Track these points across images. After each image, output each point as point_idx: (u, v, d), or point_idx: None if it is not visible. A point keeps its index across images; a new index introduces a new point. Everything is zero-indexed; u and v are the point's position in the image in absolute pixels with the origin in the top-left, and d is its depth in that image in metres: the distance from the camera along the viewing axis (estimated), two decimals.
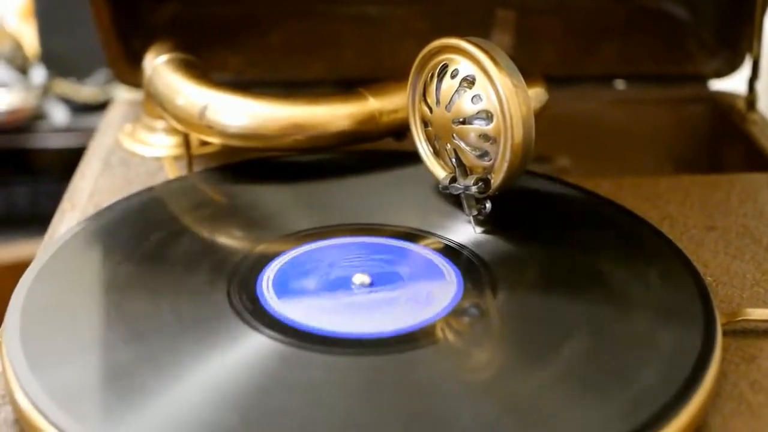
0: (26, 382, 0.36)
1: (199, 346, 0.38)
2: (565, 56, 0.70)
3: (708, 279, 0.45)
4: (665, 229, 0.49)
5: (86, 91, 1.11)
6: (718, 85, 0.70)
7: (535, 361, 0.37)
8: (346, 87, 0.69)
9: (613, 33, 0.70)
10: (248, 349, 0.38)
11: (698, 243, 0.49)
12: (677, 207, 0.52)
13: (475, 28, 0.69)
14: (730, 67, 0.69)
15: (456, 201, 0.47)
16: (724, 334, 0.40)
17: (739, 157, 0.64)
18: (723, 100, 0.68)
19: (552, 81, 0.66)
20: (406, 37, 0.70)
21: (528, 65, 0.68)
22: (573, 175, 0.67)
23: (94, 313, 0.41)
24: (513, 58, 0.46)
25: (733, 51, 0.68)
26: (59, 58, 1.10)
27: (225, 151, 0.57)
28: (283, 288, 0.42)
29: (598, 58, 0.70)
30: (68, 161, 1.05)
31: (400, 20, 0.70)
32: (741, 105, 0.66)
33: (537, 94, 0.48)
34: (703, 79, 0.70)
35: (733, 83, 0.69)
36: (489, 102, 0.44)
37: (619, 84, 0.72)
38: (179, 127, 0.53)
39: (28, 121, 1.08)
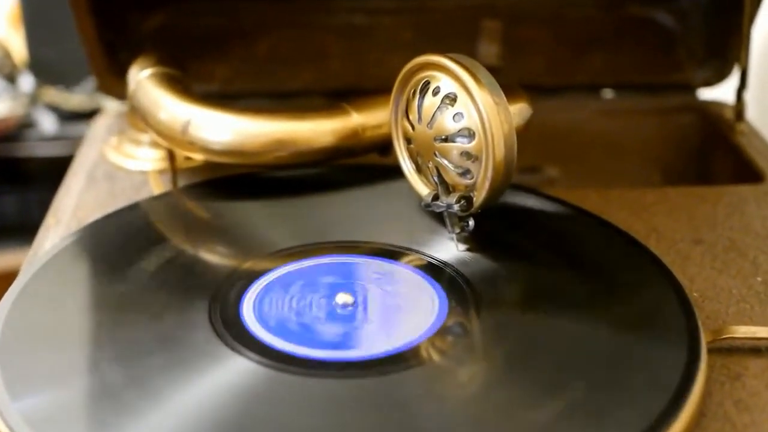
0: (4, 407, 0.36)
1: (181, 369, 0.37)
2: (553, 66, 0.70)
3: (694, 295, 0.45)
4: (652, 243, 0.49)
5: (75, 99, 1.11)
6: (706, 94, 0.70)
7: (517, 382, 0.37)
8: (334, 97, 0.69)
9: (602, 42, 0.70)
10: (229, 371, 0.37)
11: (685, 257, 0.49)
12: (664, 220, 0.52)
13: (462, 38, 0.69)
14: (718, 77, 0.68)
15: (440, 217, 0.47)
16: (710, 351, 0.40)
17: (728, 167, 0.64)
18: (711, 110, 0.68)
19: (540, 90, 0.66)
20: (393, 47, 0.70)
21: (515, 75, 0.68)
22: (561, 185, 0.67)
23: (75, 336, 0.40)
24: (501, 69, 0.46)
25: (721, 60, 0.68)
26: (47, 66, 1.09)
27: (209, 165, 0.57)
28: (265, 309, 0.41)
29: (586, 67, 0.70)
30: (57, 170, 1.04)
31: (387, 30, 0.70)
32: (729, 115, 0.65)
33: (521, 110, 0.48)
34: (691, 89, 0.70)
35: (722, 92, 0.69)
36: (470, 120, 0.44)
37: (608, 93, 0.71)
38: (162, 142, 0.53)
39: (16, 130, 1.08)
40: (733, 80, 0.66)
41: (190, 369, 0.37)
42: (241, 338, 0.39)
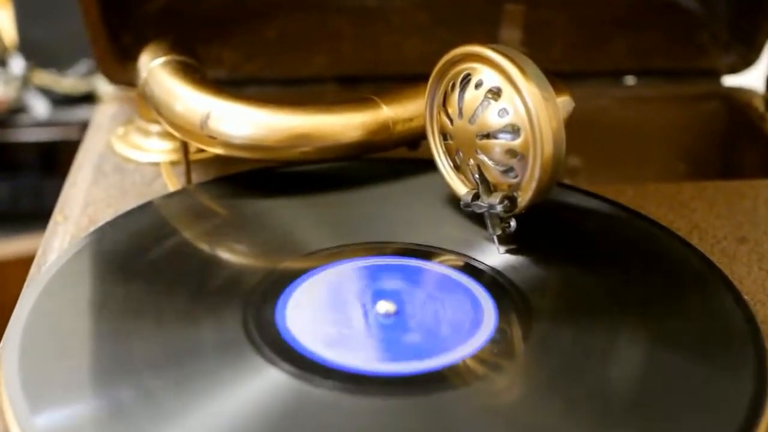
0: (25, 422, 0.33)
1: (212, 382, 0.35)
2: (573, 51, 0.68)
3: (745, 298, 0.43)
4: (695, 241, 0.47)
5: (67, 82, 1.07)
6: (733, 80, 0.68)
7: (576, 405, 0.35)
8: (347, 83, 0.66)
9: (623, 26, 0.68)
10: (264, 385, 0.35)
11: (731, 257, 0.47)
12: (704, 216, 0.50)
13: (481, 21, 0.67)
14: (744, 63, 0.66)
15: (477, 216, 0.45)
16: None
17: (757, 158, 0.62)
18: (739, 97, 0.66)
19: (559, 77, 0.64)
20: (407, 30, 0.68)
21: (534, 61, 0.65)
22: (583, 175, 0.65)
23: (98, 346, 0.38)
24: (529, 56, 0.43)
25: (747, 45, 0.66)
26: (38, 48, 1.06)
27: (223, 157, 0.54)
28: (300, 317, 0.39)
29: (607, 53, 0.68)
30: (50, 155, 1.02)
31: (401, 12, 0.68)
32: (758, 103, 0.63)
33: (564, 104, 0.46)
34: (716, 75, 0.68)
35: (748, 79, 0.67)
36: (517, 115, 0.41)
37: (629, 80, 0.69)
38: (177, 135, 0.50)
39: (7, 114, 1.04)
40: (761, 66, 0.64)
41: (220, 382, 0.35)
42: (276, 349, 0.37)
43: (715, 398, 0.35)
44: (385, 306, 0.39)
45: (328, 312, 0.39)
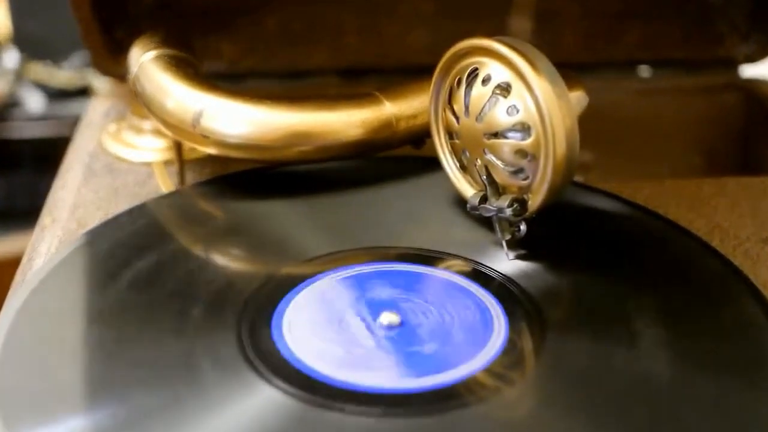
0: None
1: (204, 400, 0.33)
2: (586, 41, 0.65)
3: None
4: (716, 242, 0.45)
5: (63, 76, 1.05)
6: (754, 70, 0.65)
7: (592, 423, 0.32)
8: (350, 76, 0.64)
9: (637, 15, 0.65)
10: (259, 404, 0.33)
11: (754, 259, 0.44)
12: (725, 215, 0.48)
13: (489, 11, 0.64)
14: (763, 52, 0.64)
15: (486, 218, 0.42)
16: None
17: None
18: (758, 89, 0.63)
19: (571, 68, 0.61)
20: (412, 21, 0.65)
21: (544, 52, 0.63)
22: (595, 170, 0.62)
23: (83, 362, 0.36)
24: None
25: (766, 34, 0.63)
26: (33, 40, 1.04)
27: (218, 156, 0.52)
28: (298, 330, 0.36)
29: (620, 42, 0.65)
30: (45, 151, 0.99)
31: (405, 2, 0.65)
32: None
33: (578, 99, 0.43)
34: (733, 65, 0.65)
35: (765, 69, 0.65)
36: (527, 113, 0.39)
37: (644, 71, 0.66)
38: (169, 133, 0.47)
39: (0, 109, 1.02)
40: None
41: (212, 401, 0.33)
42: (272, 364, 0.35)
43: (743, 415, 0.33)
44: (388, 317, 0.37)
45: (329, 323, 0.37)
